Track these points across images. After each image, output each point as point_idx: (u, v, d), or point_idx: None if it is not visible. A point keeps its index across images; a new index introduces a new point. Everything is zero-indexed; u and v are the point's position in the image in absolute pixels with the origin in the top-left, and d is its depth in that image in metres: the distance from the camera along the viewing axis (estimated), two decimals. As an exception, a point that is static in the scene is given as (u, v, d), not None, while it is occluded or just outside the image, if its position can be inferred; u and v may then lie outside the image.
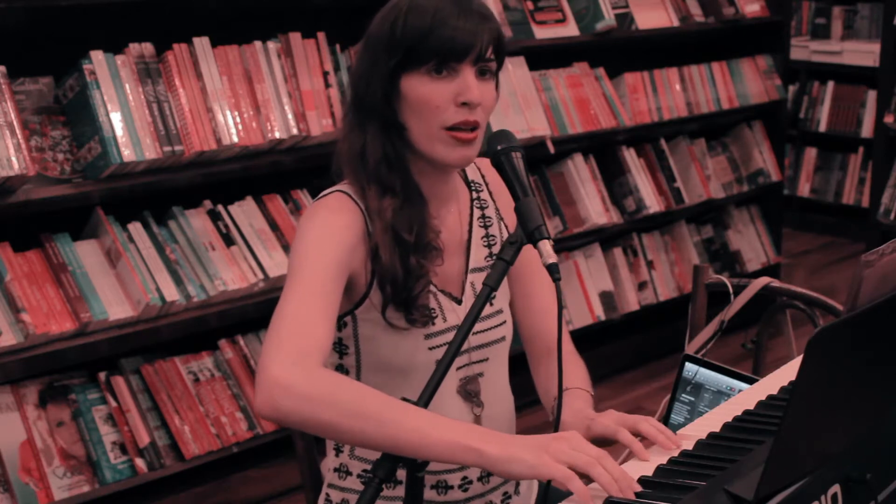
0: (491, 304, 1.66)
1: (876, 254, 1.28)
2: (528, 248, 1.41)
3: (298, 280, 1.44)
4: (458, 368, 1.62)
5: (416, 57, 1.50)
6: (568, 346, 1.74)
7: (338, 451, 1.66)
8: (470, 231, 1.67)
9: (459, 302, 1.63)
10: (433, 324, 1.58)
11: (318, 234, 1.50)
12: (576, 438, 1.31)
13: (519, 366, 1.81)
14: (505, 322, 1.69)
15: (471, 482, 1.63)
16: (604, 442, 1.50)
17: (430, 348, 1.58)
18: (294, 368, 1.33)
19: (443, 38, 1.48)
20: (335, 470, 1.66)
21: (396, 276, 1.52)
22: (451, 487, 1.63)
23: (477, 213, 1.69)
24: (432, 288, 1.59)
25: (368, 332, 1.57)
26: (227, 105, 2.82)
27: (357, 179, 1.56)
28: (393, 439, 1.29)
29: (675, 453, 1.43)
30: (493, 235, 1.69)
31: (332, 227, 1.51)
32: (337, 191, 1.58)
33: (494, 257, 1.67)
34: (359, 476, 1.64)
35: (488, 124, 1.59)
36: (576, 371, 1.69)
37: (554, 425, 1.46)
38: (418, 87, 1.51)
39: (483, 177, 1.74)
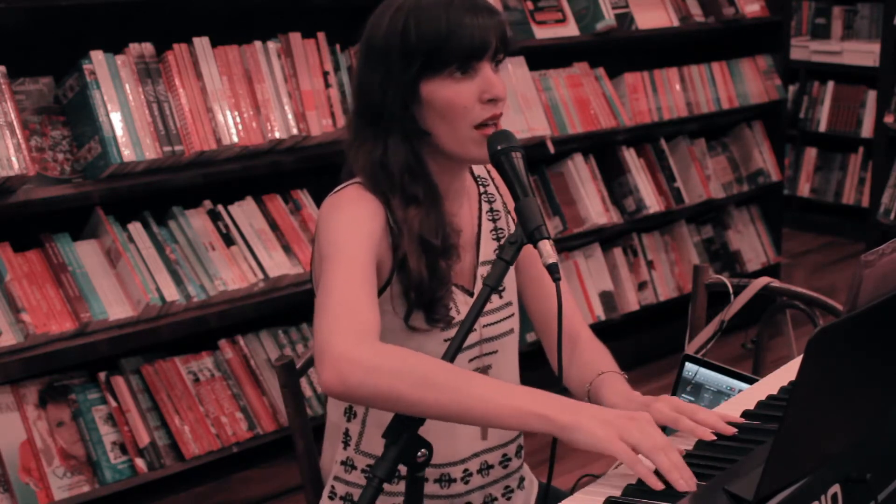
0: (500, 297, 1.68)
1: (876, 254, 1.28)
2: None
3: (339, 264, 1.44)
4: (470, 361, 1.64)
5: (437, 61, 1.49)
6: (586, 332, 1.76)
7: (345, 444, 1.66)
8: (479, 225, 1.69)
9: (472, 294, 1.65)
10: (450, 319, 1.59)
11: (347, 220, 1.50)
12: (646, 421, 1.33)
13: (529, 361, 1.82)
14: (513, 315, 1.71)
15: (471, 474, 1.64)
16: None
17: (445, 340, 1.58)
18: (358, 343, 1.34)
19: (462, 40, 1.48)
20: (341, 463, 1.67)
21: (423, 281, 1.53)
22: (454, 481, 1.63)
23: (485, 206, 1.71)
24: None
25: (387, 323, 1.57)
26: (227, 105, 2.82)
27: (378, 190, 1.55)
28: (463, 408, 1.31)
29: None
30: (501, 229, 1.71)
31: (359, 215, 1.52)
32: (355, 183, 1.58)
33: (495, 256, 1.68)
34: (363, 471, 1.65)
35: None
36: (604, 358, 1.70)
37: None
38: (442, 90, 1.50)
39: (488, 171, 1.76)
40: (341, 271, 1.43)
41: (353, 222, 1.50)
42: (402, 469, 1.35)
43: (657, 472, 1.29)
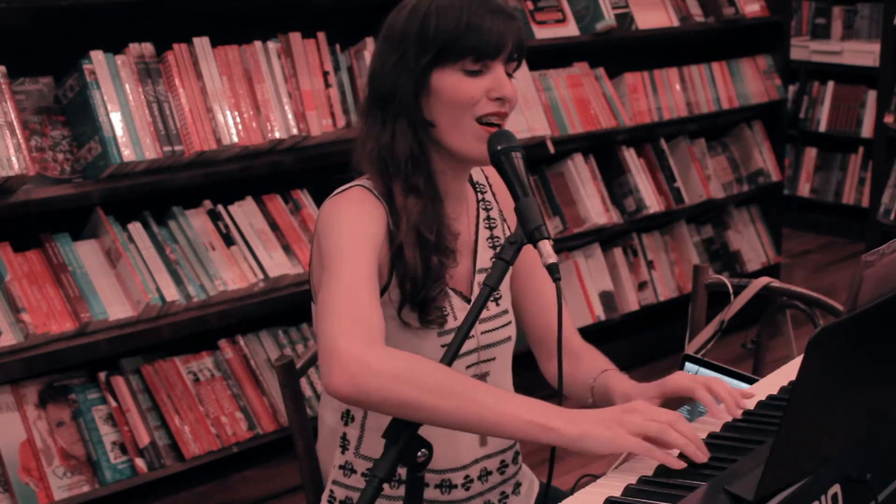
0: (497, 305, 1.67)
1: (876, 254, 1.28)
2: (530, 248, 1.41)
3: (343, 266, 1.43)
4: (468, 367, 1.63)
5: (451, 53, 1.51)
6: (578, 340, 1.76)
7: (343, 448, 1.66)
8: (476, 232, 1.68)
9: (469, 301, 1.64)
10: (445, 322, 1.59)
11: (350, 223, 1.50)
12: (646, 407, 1.36)
13: (522, 365, 1.81)
14: (510, 322, 1.71)
15: (472, 481, 1.64)
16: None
17: (442, 346, 1.58)
18: (369, 347, 1.33)
19: (479, 36, 1.50)
20: (340, 467, 1.67)
21: (417, 275, 1.52)
22: (455, 487, 1.63)
23: (483, 214, 1.70)
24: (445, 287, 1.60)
25: (385, 328, 1.56)
26: (227, 105, 2.82)
27: (382, 177, 1.56)
28: (475, 417, 1.32)
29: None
30: (497, 237, 1.70)
31: (361, 218, 1.51)
32: (357, 185, 1.58)
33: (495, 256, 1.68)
34: (363, 475, 1.64)
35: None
36: (600, 359, 1.72)
37: None
38: (452, 82, 1.52)
39: (486, 178, 1.75)
40: (346, 273, 1.42)
41: (356, 224, 1.50)
42: (402, 472, 1.34)
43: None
